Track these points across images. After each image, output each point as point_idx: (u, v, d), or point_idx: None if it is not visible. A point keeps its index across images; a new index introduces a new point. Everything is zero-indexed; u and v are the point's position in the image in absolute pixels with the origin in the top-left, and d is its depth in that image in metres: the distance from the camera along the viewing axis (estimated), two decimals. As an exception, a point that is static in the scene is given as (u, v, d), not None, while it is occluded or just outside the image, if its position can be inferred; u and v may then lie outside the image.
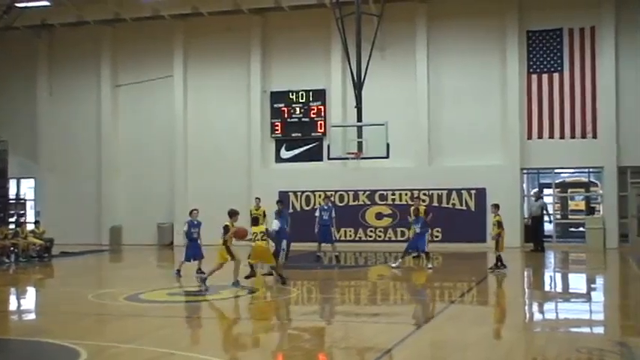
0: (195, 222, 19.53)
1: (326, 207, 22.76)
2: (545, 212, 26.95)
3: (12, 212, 32.05)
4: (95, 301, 15.14)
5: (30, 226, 27.18)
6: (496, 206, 20.11)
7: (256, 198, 25.03)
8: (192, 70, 31.84)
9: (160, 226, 31.37)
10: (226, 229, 16.52)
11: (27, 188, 34.39)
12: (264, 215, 23.98)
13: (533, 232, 26.60)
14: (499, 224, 19.69)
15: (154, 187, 31.84)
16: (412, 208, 23.08)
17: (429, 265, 20.27)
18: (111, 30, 32.64)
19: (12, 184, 33.11)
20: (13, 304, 16.93)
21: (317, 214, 22.78)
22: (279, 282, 16.95)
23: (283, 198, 29.17)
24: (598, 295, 17.56)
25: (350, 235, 29.11)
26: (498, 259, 19.65)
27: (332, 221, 22.26)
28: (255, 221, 17.78)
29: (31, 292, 19.11)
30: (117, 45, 32.79)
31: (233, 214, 16.98)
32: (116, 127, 32.75)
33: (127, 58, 32.62)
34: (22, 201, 33.92)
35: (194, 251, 19.16)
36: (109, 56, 32.73)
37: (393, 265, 20.89)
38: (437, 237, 26.93)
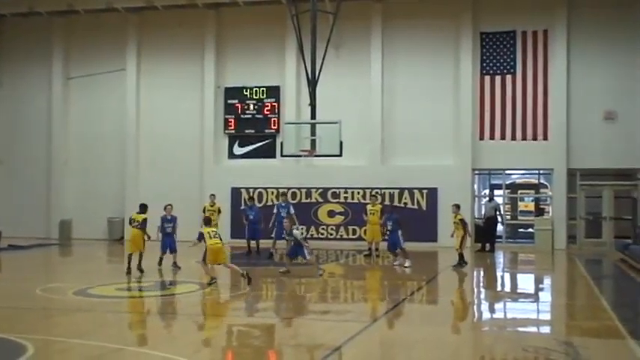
0: (169, 217, 20.15)
1: (284, 204, 23.02)
2: (498, 213, 27.26)
3: (-42, 205, 31.43)
4: (43, 295, 14.89)
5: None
6: (457, 206, 20.98)
7: (211, 195, 24.85)
8: (146, 64, 31.50)
9: (110, 221, 30.97)
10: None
11: (-26, 180, 33.74)
12: (219, 212, 24.06)
13: (486, 232, 26.83)
14: (463, 223, 20.63)
15: (105, 182, 31.44)
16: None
17: (407, 264, 20.25)
18: (63, 21, 32.09)
19: (-42, 176, 32.47)
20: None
21: (275, 210, 23.00)
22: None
23: (235, 195, 29.25)
24: (545, 295, 17.81)
25: (302, 233, 28.99)
26: (461, 256, 20.51)
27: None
28: (207, 221, 17.69)
29: (-25, 286, 18.71)
30: (69, 37, 32.25)
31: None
32: (67, 120, 32.24)
33: (79, 50, 32.13)
34: (-31, 193, 33.25)
35: (169, 244, 19.82)
36: (61, 48, 32.19)
37: (395, 263, 20.80)
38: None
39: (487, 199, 28.10)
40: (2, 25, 32.70)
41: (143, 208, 19.38)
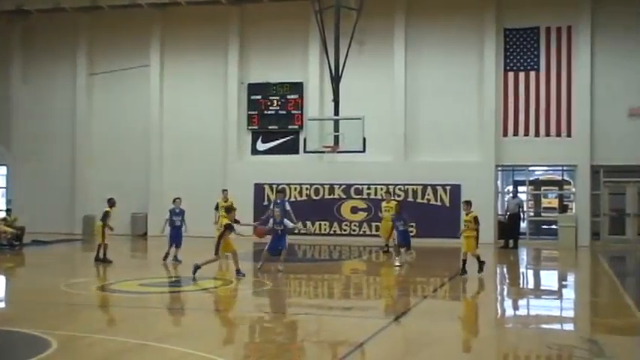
0: (178, 210, 20.57)
1: (279, 201, 22.87)
2: (521, 210, 27.19)
3: (-17, 200, 31.82)
4: (67, 291, 15.02)
5: (1, 214, 26.93)
6: (469, 203, 18.50)
7: (224, 190, 24.88)
8: (169, 60, 31.67)
9: (134, 216, 31.16)
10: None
11: (-1, 176, 34.16)
12: (233, 207, 23.97)
13: (509, 229, 26.76)
14: (477, 222, 17.92)
15: (129, 177, 31.57)
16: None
17: (397, 263, 20.00)
18: (88, 17, 32.33)
19: (-16, 172, 32.85)
20: (-17, 293, 16.78)
21: (271, 207, 22.98)
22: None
23: (258, 190, 29.32)
24: (569, 292, 17.72)
25: (325, 229, 29.14)
26: (479, 259, 17.96)
27: (286, 215, 22.13)
28: (228, 210, 17.93)
29: (1, 280, 18.92)
30: (93, 33, 32.49)
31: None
32: (91, 115, 32.49)
33: (103, 46, 32.36)
34: (-6, 188, 33.72)
35: (176, 238, 20.26)
36: (85, 44, 32.44)
37: (397, 263, 20.54)
38: (411, 232, 26.97)
39: (510, 195, 28.00)
40: (28, 21, 32.94)
41: (109, 201, 20.42)
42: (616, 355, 9.68)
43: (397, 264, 19.89)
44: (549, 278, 21.03)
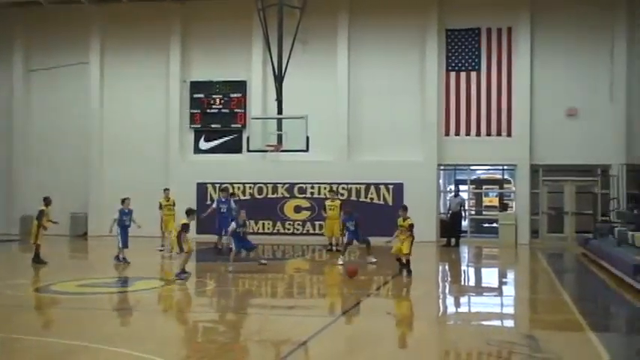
0: (127, 210, 20.36)
1: (224, 199, 22.93)
2: (463, 208, 27.56)
3: None
4: (4, 292, 14.70)
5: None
6: (406, 208, 18.38)
7: (165, 189, 24.65)
8: (110, 57, 31.19)
9: (73, 216, 30.63)
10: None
11: None
12: (174, 205, 23.89)
13: (451, 227, 27.09)
14: (412, 228, 17.72)
15: (68, 176, 30.97)
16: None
17: (340, 262, 20.07)
18: (24, 12, 31.64)
19: None
20: None
21: (214, 205, 23.02)
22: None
23: (201, 190, 29.12)
24: (509, 289, 18.00)
25: (268, 228, 29.07)
26: (409, 262, 17.75)
27: (229, 214, 22.17)
28: (189, 212, 17.77)
29: None
30: (31, 28, 31.80)
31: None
32: (29, 113, 31.82)
33: (41, 43, 31.69)
34: None
35: (125, 239, 20.13)
36: (23, 40, 31.76)
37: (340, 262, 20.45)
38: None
39: (452, 194, 28.32)
40: (-38, 16, 32.19)
41: (44, 200, 20.25)
42: (553, 350, 9.84)
43: (340, 262, 19.94)
44: (490, 276, 21.32)
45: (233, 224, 18.88)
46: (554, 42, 28.13)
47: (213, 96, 30.14)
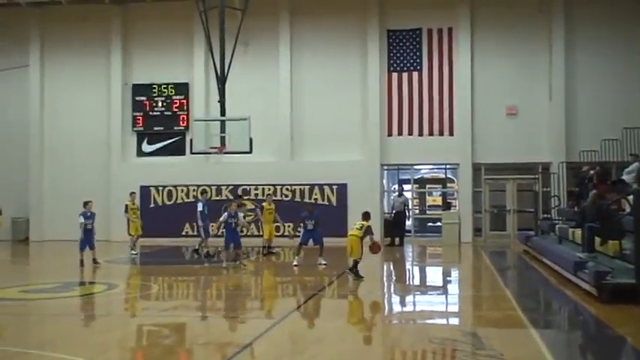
0: (89, 213, 20.21)
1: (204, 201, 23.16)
2: (407, 208, 27.80)
3: None
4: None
5: None
6: (368, 216, 17.79)
7: (132, 193, 24.33)
8: (50, 60, 30.70)
9: (14, 221, 30.04)
10: None
11: None
12: (139, 209, 23.95)
13: (395, 226, 27.29)
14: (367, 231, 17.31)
15: (9, 181, 30.37)
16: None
17: (295, 262, 20.13)
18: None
19: None
20: None
21: (200, 208, 22.95)
22: None
23: (144, 192, 28.83)
24: (452, 287, 18.18)
25: (212, 230, 28.80)
26: (355, 265, 17.30)
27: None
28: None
29: None
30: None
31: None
32: (-34, 117, 31.17)
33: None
34: None
35: (89, 241, 19.99)
36: (-40, 43, 31.11)
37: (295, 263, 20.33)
38: (299, 232, 27.05)
39: (396, 194, 28.52)
40: None
41: None
42: (495, 346, 9.97)
43: (295, 263, 19.94)
44: (433, 274, 21.54)
45: (225, 215, 19.01)
46: (495, 42, 28.54)
47: (156, 98, 29.89)
